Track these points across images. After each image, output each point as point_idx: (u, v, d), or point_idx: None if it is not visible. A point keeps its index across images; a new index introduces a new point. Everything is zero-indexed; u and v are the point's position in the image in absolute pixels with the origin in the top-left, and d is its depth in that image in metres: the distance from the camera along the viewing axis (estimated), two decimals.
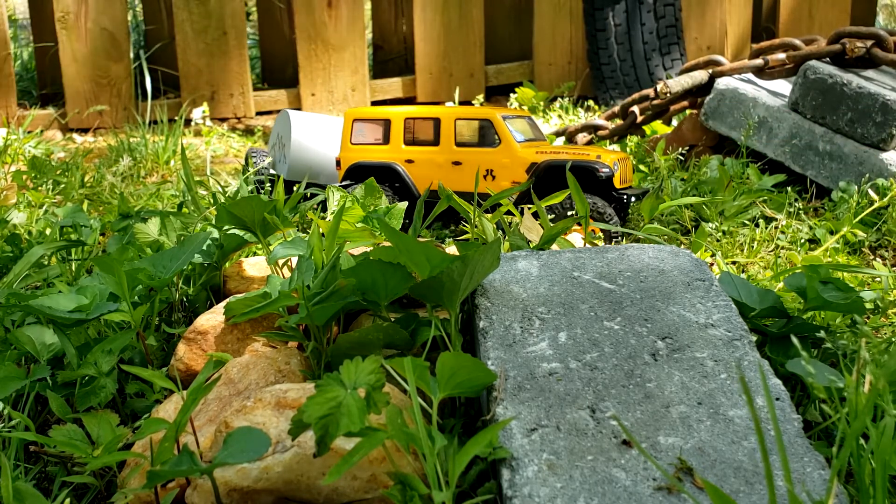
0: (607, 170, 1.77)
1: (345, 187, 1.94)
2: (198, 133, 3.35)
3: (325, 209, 1.86)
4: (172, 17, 3.54)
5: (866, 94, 2.01)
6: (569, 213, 1.75)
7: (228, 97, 3.61)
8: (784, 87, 2.36)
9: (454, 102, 3.73)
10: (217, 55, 3.57)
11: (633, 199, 1.82)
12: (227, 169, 2.77)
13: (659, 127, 2.67)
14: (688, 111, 2.51)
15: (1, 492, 0.81)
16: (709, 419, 0.84)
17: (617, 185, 1.81)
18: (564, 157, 1.80)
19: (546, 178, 1.81)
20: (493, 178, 1.86)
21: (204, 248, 1.34)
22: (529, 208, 1.50)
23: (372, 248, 1.26)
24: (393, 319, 1.04)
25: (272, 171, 2.23)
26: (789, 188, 1.98)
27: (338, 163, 2.04)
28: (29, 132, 3.09)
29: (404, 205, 1.42)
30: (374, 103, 3.78)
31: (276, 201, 1.33)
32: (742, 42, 3.95)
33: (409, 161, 1.93)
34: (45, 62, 3.64)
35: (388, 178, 1.95)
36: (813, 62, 2.12)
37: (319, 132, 2.22)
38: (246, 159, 2.28)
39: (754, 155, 2.24)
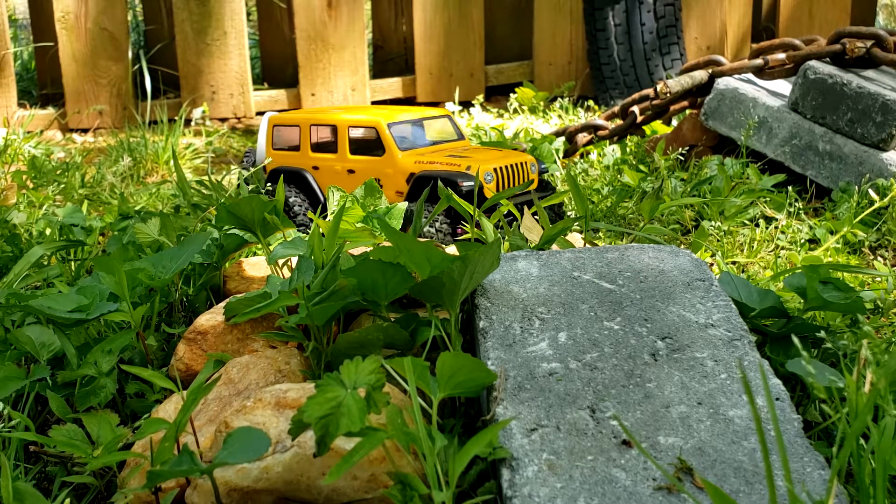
0: (470, 183, 1.71)
1: (268, 193, 1.96)
2: (198, 133, 3.35)
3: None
4: (172, 17, 3.54)
5: (866, 94, 2.01)
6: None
7: (228, 97, 3.61)
8: (784, 87, 2.36)
9: (454, 102, 3.73)
10: (217, 55, 3.57)
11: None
12: (228, 169, 2.77)
13: (659, 127, 2.67)
14: (688, 111, 2.51)
15: (1, 492, 0.81)
16: (709, 419, 0.84)
17: (491, 194, 1.74)
18: (436, 169, 1.77)
19: (418, 187, 1.79)
20: (381, 187, 1.82)
21: (204, 248, 1.34)
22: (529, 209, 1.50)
23: (372, 248, 1.26)
24: (393, 319, 1.04)
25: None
26: (789, 188, 1.98)
27: (263, 168, 2.06)
28: (29, 132, 3.09)
29: (404, 205, 1.42)
30: (374, 103, 3.79)
31: (277, 201, 1.33)
32: (742, 42, 3.96)
33: (315, 168, 1.93)
34: (45, 62, 3.64)
35: (299, 183, 1.95)
36: (813, 62, 2.12)
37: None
38: (244, 160, 2.28)
39: (754, 155, 2.24)
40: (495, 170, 1.75)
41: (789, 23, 3.97)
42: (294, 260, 1.34)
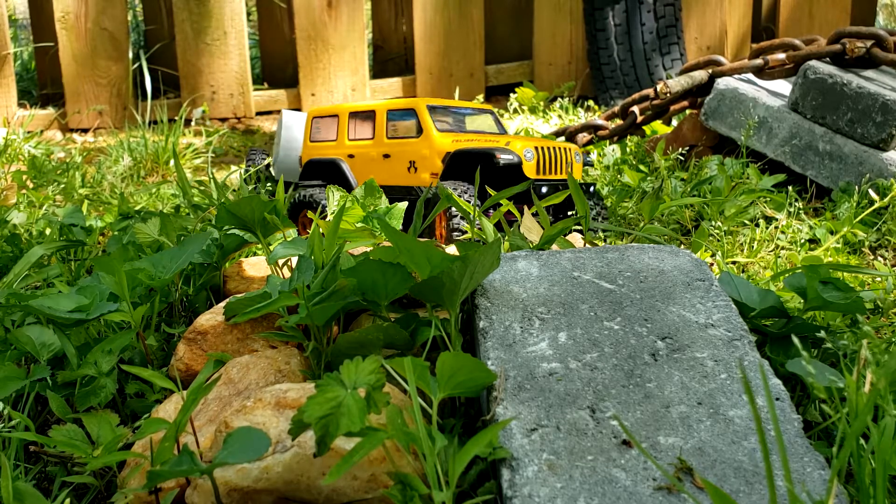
0: (509, 157, 1.69)
1: (299, 185, 1.96)
2: (198, 133, 3.35)
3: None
4: (172, 17, 3.54)
5: (866, 94, 2.01)
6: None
7: (228, 97, 3.61)
8: (784, 87, 2.36)
9: None
10: (217, 55, 3.57)
11: (544, 189, 1.73)
12: (228, 169, 2.77)
13: (659, 127, 2.67)
14: (688, 111, 2.51)
15: (1, 492, 0.81)
16: (709, 419, 0.84)
17: (532, 174, 1.73)
18: (473, 146, 1.75)
19: (453, 165, 1.76)
20: (416, 169, 1.82)
21: (204, 248, 1.34)
22: (529, 208, 1.50)
23: (372, 248, 1.26)
24: (393, 319, 1.04)
25: (272, 171, 2.24)
26: (789, 188, 1.98)
27: (300, 160, 2.05)
28: (29, 132, 3.09)
29: (404, 205, 1.42)
30: None
31: (277, 201, 1.33)
32: (742, 42, 3.96)
33: (351, 156, 1.93)
34: (45, 62, 3.64)
35: (334, 173, 1.96)
36: (813, 62, 2.12)
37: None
38: (246, 159, 2.29)
39: (754, 155, 2.24)
40: (536, 149, 1.73)
41: (789, 23, 3.97)
42: (294, 260, 1.34)
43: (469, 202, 1.68)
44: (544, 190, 1.73)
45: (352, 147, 1.93)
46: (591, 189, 1.86)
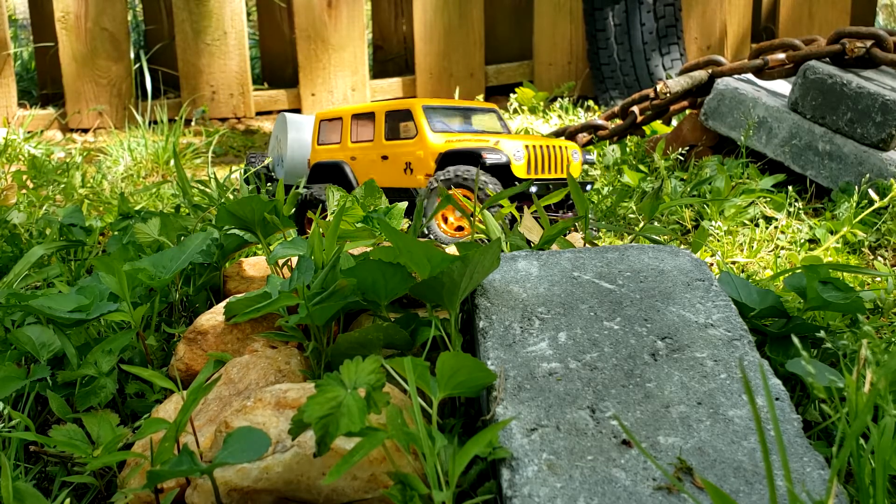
0: (496, 157, 1.67)
1: (307, 187, 1.97)
2: (198, 133, 3.35)
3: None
4: (172, 17, 3.54)
5: (866, 94, 2.01)
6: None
7: (228, 97, 3.61)
8: (784, 87, 2.36)
9: None
10: (217, 55, 3.57)
11: (533, 188, 1.71)
12: (228, 169, 2.77)
13: (659, 127, 2.67)
14: (688, 111, 2.51)
15: (1, 492, 0.81)
16: (708, 419, 0.84)
17: (522, 173, 1.71)
18: (462, 146, 1.75)
19: (444, 166, 1.76)
20: (412, 171, 1.82)
21: (204, 248, 1.34)
22: (529, 208, 1.50)
23: (372, 248, 1.26)
24: (393, 319, 1.04)
25: (272, 174, 2.25)
26: (789, 188, 1.98)
27: (308, 163, 2.07)
28: (29, 132, 3.09)
29: (404, 205, 1.42)
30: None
31: (277, 201, 1.33)
32: (742, 42, 3.96)
33: (353, 158, 1.94)
34: (45, 62, 3.64)
35: (338, 176, 1.97)
36: (813, 62, 2.12)
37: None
38: (246, 162, 2.30)
39: (754, 155, 2.24)
40: (527, 147, 1.71)
41: (789, 23, 3.97)
42: (294, 260, 1.34)
43: (471, 182, 1.67)
44: (534, 189, 1.72)
45: (354, 149, 1.94)
46: (588, 188, 1.85)
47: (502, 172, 1.72)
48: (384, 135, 1.87)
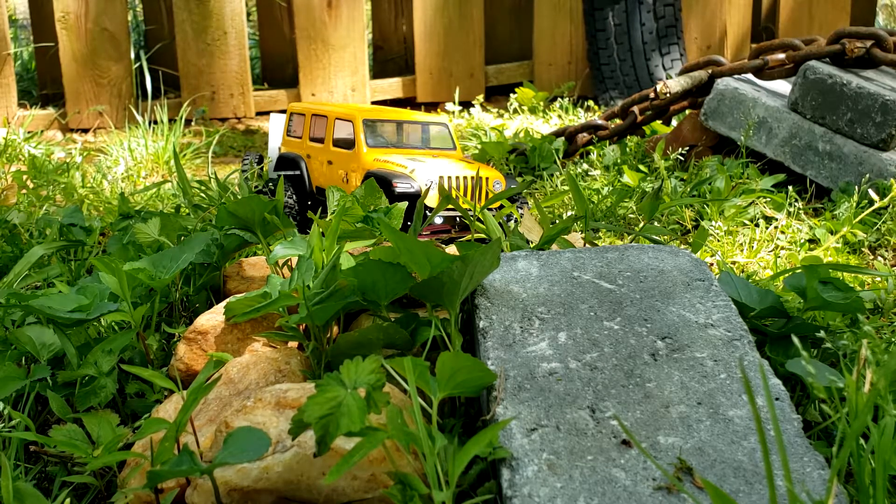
0: (406, 186, 1.68)
1: (275, 178, 2.00)
2: (198, 133, 3.36)
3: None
4: (172, 17, 3.54)
5: (866, 94, 2.01)
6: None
7: (228, 97, 3.61)
8: (784, 87, 2.36)
9: (454, 103, 3.73)
10: (217, 55, 3.57)
11: (439, 220, 1.72)
12: (228, 169, 2.77)
13: (659, 127, 2.67)
14: (688, 111, 2.51)
15: (1, 492, 0.81)
16: (708, 419, 0.84)
17: (433, 203, 1.70)
18: (383, 168, 1.76)
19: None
20: (347, 181, 1.83)
21: (204, 248, 1.34)
22: (529, 208, 1.50)
23: (371, 248, 1.26)
24: (393, 319, 1.04)
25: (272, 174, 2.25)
26: (789, 188, 1.98)
27: (279, 150, 2.10)
28: (29, 132, 3.09)
29: (404, 205, 1.42)
30: (374, 103, 3.79)
31: (277, 201, 1.33)
32: (742, 42, 3.96)
33: (308, 156, 1.97)
34: (45, 62, 3.64)
35: (297, 169, 1.99)
36: (813, 62, 2.12)
37: None
38: (242, 161, 2.31)
39: (754, 155, 2.24)
40: (441, 177, 1.71)
41: (789, 23, 3.97)
42: (294, 260, 1.34)
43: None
44: (439, 220, 1.73)
45: (309, 147, 1.97)
46: (510, 221, 1.79)
47: (413, 200, 1.72)
48: (332, 140, 1.90)
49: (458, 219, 1.75)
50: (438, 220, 1.72)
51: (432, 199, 1.70)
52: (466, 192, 1.75)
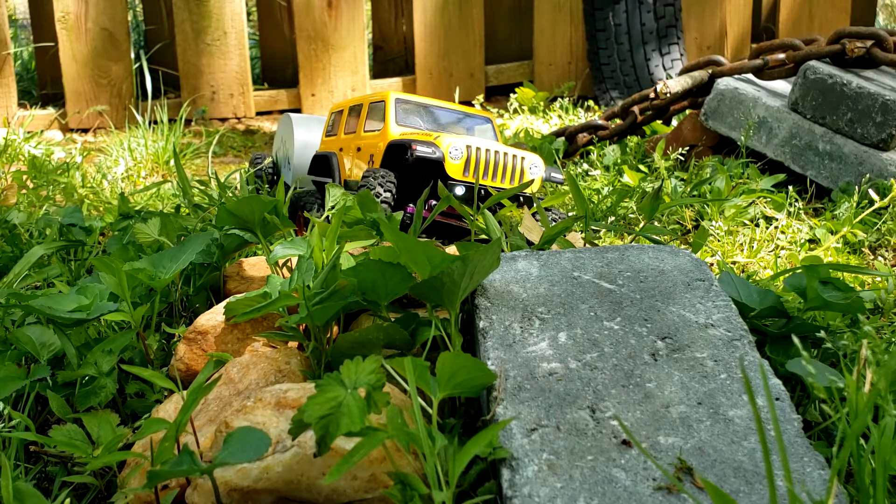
0: (428, 150, 1.53)
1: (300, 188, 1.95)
2: (198, 133, 3.35)
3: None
4: (172, 17, 3.54)
5: (866, 94, 2.01)
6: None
7: (228, 97, 3.61)
8: (784, 87, 2.36)
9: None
10: (217, 55, 3.57)
11: (458, 190, 1.59)
12: (228, 169, 2.77)
13: (659, 127, 2.67)
14: (688, 111, 2.51)
15: (1, 492, 0.81)
16: (709, 419, 0.84)
17: (457, 174, 1.57)
18: (403, 138, 1.65)
19: (388, 158, 1.67)
20: (373, 163, 1.74)
21: (204, 248, 1.34)
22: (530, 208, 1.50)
23: (371, 248, 1.26)
24: (393, 319, 1.04)
25: (274, 177, 2.23)
26: (789, 188, 1.98)
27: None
28: (29, 132, 3.09)
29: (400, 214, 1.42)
30: None
31: (277, 201, 1.33)
32: (742, 42, 3.95)
33: (341, 149, 1.91)
34: (45, 62, 3.64)
35: (326, 167, 1.94)
36: (813, 62, 2.12)
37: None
38: (250, 163, 2.27)
39: (754, 155, 2.24)
40: (468, 148, 1.57)
41: (789, 23, 3.97)
42: (294, 260, 1.34)
43: (384, 188, 1.56)
44: (458, 191, 1.60)
45: (342, 141, 1.93)
46: (530, 201, 1.68)
47: (433, 168, 1.60)
48: (363, 128, 1.82)
49: (482, 191, 1.61)
50: (460, 191, 1.59)
51: (456, 170, 1.57)
52: (497, 167, 1.61)
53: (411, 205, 1.62)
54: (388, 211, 1.54)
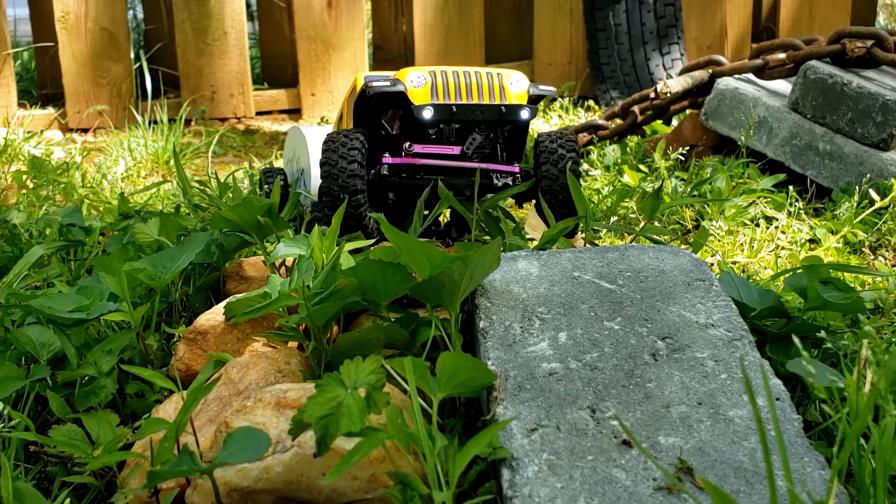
0: (382, 83, 1.37)
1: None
2: (198, 133, 3.35)
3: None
4: (172, 17, 3.54)
5: (866, 94, 2.00)
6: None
7: (228, 97, 3.61)
8: (784, 87, 2.36)
9: None
10: (217, 55, 3.57)
11: (429, 112, 1.39)
12: (228, 169, 2.77)
13: (659, 127, 2.67)
14: (688, 111, 2.51)
15: (1, 492, 0.81)
16: (709, 419, 0.84)
17: (421, 99, 1.40)
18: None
19: (357, 112, 1.52)
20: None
21: (204, 248, 1.34)
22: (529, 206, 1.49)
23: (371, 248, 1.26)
24: (393, 319, 1.04)
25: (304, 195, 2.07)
26: (790, 188, 1.98)
27: None
28: (29, 132, 3.09)
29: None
30: None
31: (272, 203, 1.32)
32: (742, 42, 3.95)
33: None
34: (45, 62, 3.64)
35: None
36: (813, 62, 2.12)
37: None
38: (260, 180, 2.16)
39: (754, 155, 2.23)
40: (431, 72, 1.40)
41: (789, 23, 3.97)
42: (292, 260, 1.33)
43: (346, 159, 1.38)
44: (425, 114, 1.41)
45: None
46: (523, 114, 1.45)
47: (402, 103, 1.43)
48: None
49: (454, 109, 1.41)
50: (427, 114, 1.39)
51: (421, 95, 1.39)
52: (470, 87, 1.42)
53: (387, 154, 1.47)
54: (359, 172, 1.38)
